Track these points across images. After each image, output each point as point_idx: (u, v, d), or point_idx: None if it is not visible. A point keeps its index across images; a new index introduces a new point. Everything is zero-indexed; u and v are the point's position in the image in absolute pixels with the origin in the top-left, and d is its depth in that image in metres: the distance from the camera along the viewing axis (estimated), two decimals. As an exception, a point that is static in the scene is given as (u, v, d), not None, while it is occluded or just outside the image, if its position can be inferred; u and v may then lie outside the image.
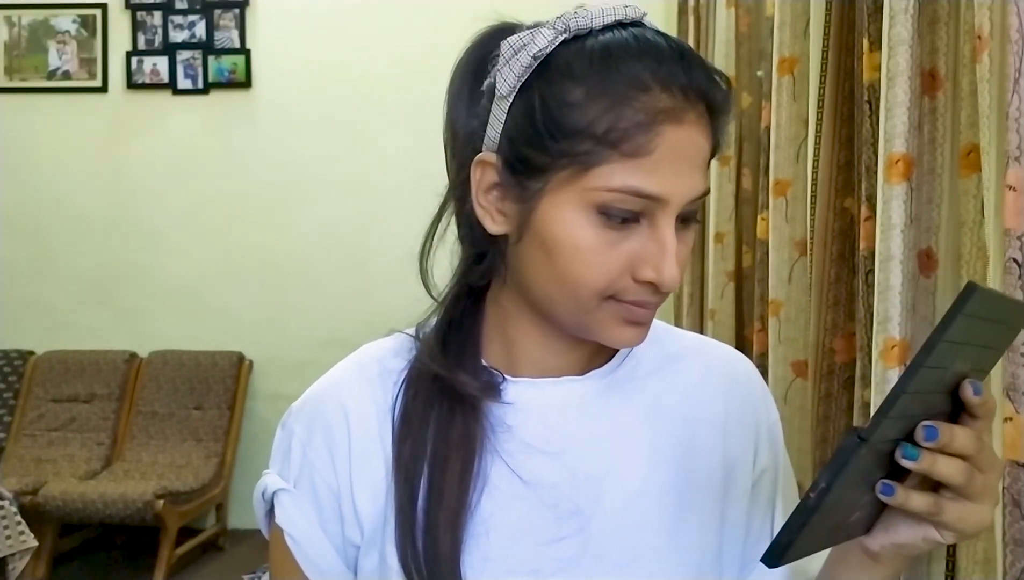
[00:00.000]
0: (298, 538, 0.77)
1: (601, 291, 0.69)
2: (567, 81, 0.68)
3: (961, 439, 0.59)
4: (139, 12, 4.38)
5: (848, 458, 0.55)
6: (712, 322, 2.70)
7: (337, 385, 0.80)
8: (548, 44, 0.69)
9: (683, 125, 0.67)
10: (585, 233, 0.68)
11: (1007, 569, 1.01)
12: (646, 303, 0.71)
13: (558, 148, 0.67)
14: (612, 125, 0.66)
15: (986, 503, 0.62)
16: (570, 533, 0.74)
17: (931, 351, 0.54)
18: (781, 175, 1.96)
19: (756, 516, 0.81)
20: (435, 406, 0.75)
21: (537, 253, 0.71)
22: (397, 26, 4.24)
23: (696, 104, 0.68)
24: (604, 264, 0.68)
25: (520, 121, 0.70)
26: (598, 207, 0.67)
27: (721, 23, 2.69)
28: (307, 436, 0.78)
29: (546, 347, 0.77)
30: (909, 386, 0.54)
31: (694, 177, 0.69)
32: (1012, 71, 0.99)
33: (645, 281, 0.69)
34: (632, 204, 0.67)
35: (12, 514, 2.75)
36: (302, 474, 0.78)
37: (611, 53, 0.68)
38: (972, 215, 1.25)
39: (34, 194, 4.42)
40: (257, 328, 4.37)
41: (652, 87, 0.66)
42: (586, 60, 0.68)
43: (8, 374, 4.34)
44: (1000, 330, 0.63)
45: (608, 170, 0.66)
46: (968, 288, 0.53)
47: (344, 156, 4.32)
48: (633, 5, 0.71)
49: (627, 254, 0.68)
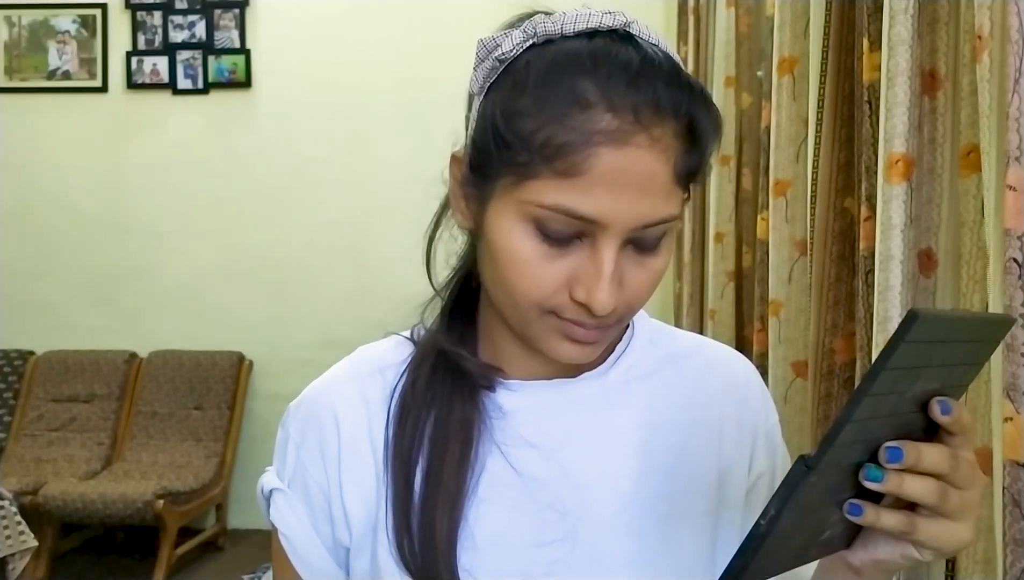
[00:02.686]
0: (291, 537, 0.78)
1: (537, 303, 0.68)
2: (518, 88, 0.66)
3: (931, 457, 0.58)
4: (139, 12, 4.38)
5: (796, 485, 0.55)
6: (712, 322, 2.70)
7: (329, 387, 0.80)
8: (513, 48, 0.67)
9: (626, 148, 0.63)
10: (522, 244, 0.66)
11: (1007, 569, 1.01)
12: (584, 323, 0.68)
13: (501, 156, 0.66)
14: (547, 140, 0.63)
15: (964, 520, 0.60)
16: (560, 536, 0.74)
17: (874, 380, 0.53)
18: (781, 175, 1.96)
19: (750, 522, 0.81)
20: (436, 391, 0.76)
21: (487, 256, 0.70)
22: (397, 26, 4.24)
23: (650, 126, 0.63)
24: (540, 278, 0.67)
25: (480, 123, 0.69)
26: (534, 221, 0.66)
27: (721, 23, 2.70)
28: (300, 437, 0.79)
29: (526, 350, 0.76)
30: (854, 415, 0.54)
31: (641, 203, 0.64)
32: (1012, 71, 0.99)
33: (579, 302, 0.67)
34: (565, 224, 0.65)
35: (12, 514, 2.75)
36: (295, 475, 0.78)
37: (559, 65, 0.65)
38: (972, 215, 1.25)
39: (34, 194, 4.43)
40: (257, 328, 4.37)
41: (594, 105, 0.63)
42: (537, 69, 0.65)
43: (8, 374, 4.34)
44: (973, 347, 0.62)
45: (542, 185, 0.64)
46: (909, 316, 0.52)
47: (344, 156, 4.32)
48: (619, 11, 0.68)
49: (566, 271, 0.66)
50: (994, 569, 1.09)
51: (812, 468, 0.55)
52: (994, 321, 0.66)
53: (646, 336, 0.82)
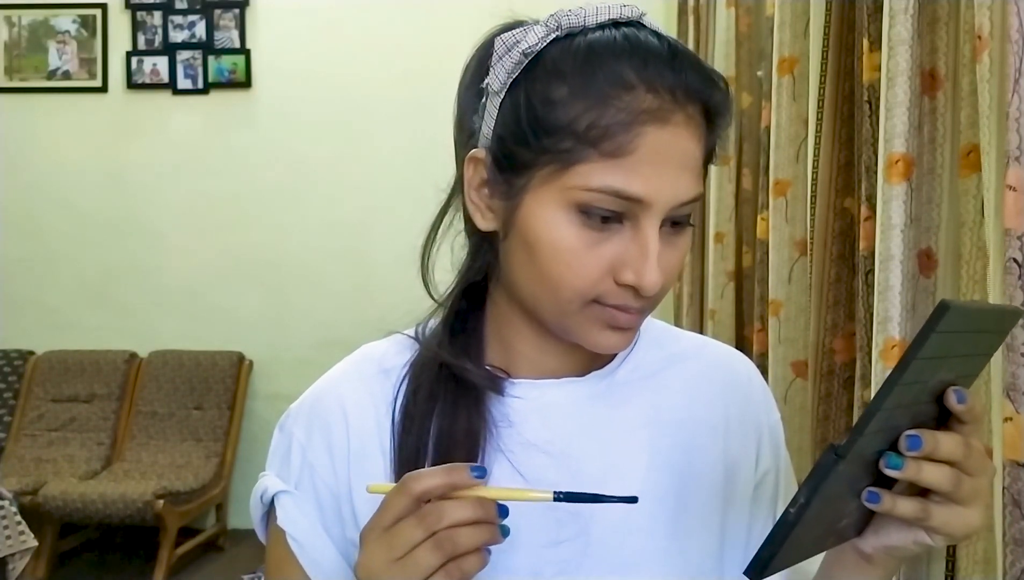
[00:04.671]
0: (301, 539, 0.77)
1: (582, 293, 0.69)
2: (553, 78, 0.68)
3: (947, 445, 0.59)
4: (139, 12, 4.38)
5: (826, 473, 0.56)
6: (712, 322, 2.70)
7: (336, 385, 0.80)
8: (539, 41, 0.69)
9: (668, 126, 0.66)
10: (565, 233, 0.67)
11: (1007, 569, 1.01)
12: (628, 308, 0.69)
13: (540, 145, 0.67)
14: (593, 123, 0.65)
15: (976, 506, 0.62)
16: (570, 536, 0.74)
17: (905, 369, 0.55)
18: (781, 175, 1.96)
19: (758, 518, 0.81)
20: (438, 400, 0.75)
21: (521, 251, 0.71)
22: (397, 26, 4.24)
23: (685, 106, 0.67)
24: (584, 266, 0.68)
25: (508, 118, 0.70)
26: (578, 206, 0.67)
27: (721, 23, 2.70)
28: (306, 438, 0.78)
29: (541, 348, 0.77)
30: (884, 403, 0.55)
31: (680, 180, 0.67)
32: (1012, 71, 0.99)
33: (626, 284, 0.68)
34: (612, 204, 0.66)
35: (12, 514, 2.75)
36: (303, 476, 0.77)
37: (597, 51, 0.67)
38: (972, 215, 1.25)
39: (34, 194, 4.42)
40: (257, 328, 4.37)
41: (636, 86, 0.66)
42: (572, 58, 0.67)
43: (8, 374, 4.34)
44: (985, 337, 0.63)
45: (588, 169, 0.66)
46: (940, 306, 0.54)
47: (344, 156, 4.32)
48: (632, 4, 0.71)
49: (609, 256, 0.68)
50: (994, 569, 1.09)
51: (842, 457, 0.56)
52: (1007, 312, 0.68)
53: (651, 336, 0.83)
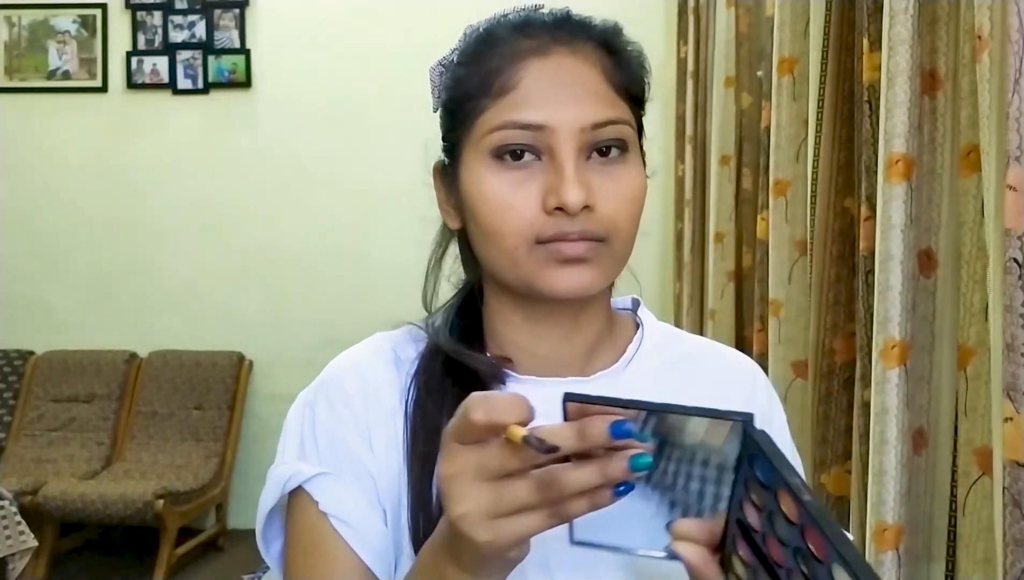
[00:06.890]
0: (349, 520, 0.74)
1: (522, 234, 0.71)
2: (457, 68, 0.77)
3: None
4: (139, 12, 4.38)
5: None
6: (712, 322, 2.70)
7: (357, 364, 0.80)
8: (450, 53, 0.78)
9: (550, 56, 0.72)
10: (490, 182, 0.72)
11: (1007, 569, 1.01)
12: (567, 234, 0.71)
13: (456, 121, 0.75)
14: (482, 78, 0.73)
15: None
16: None
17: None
18: (781, 175, 1.96)
19: None
20: (447, 398, 0.75)
21: (471, 225, 0.75)
22: (397, 26, 4.23)
23: (568, 41, 0.73)
24: (514, 206, 0.71)
25: (442, 120, 0.79)
26: (492, 153, 0.72)
27: (721, 23, 2.70)
28: (331, 415, 0.77)
29: (534, 334, 0.78)
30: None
31: (583, 105, 0.71)
32: (1012, 71, 0.99)
33: (556, 210, 0.70)
34: (517, 137, 0.71)
35: (12, 514, 2.75)
36: (336, 454, 0.76)
37: (487, 30, 0.76)
38: (972, 215, 1.25)
39: (34, 194, 4.42)
40: (257, 328, 4.37)
41: (513, 36, 0.74)
42: (469, 43, 0.77)
43: (8, 374, 4.34)
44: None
45: (489, 114, 0.72)
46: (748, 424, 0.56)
47: (344, 156, 4.31)
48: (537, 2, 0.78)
49: (536, 192, 0.71)
50: (994, 569, 1.09)
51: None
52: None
53: (656, 338, 0.84)
